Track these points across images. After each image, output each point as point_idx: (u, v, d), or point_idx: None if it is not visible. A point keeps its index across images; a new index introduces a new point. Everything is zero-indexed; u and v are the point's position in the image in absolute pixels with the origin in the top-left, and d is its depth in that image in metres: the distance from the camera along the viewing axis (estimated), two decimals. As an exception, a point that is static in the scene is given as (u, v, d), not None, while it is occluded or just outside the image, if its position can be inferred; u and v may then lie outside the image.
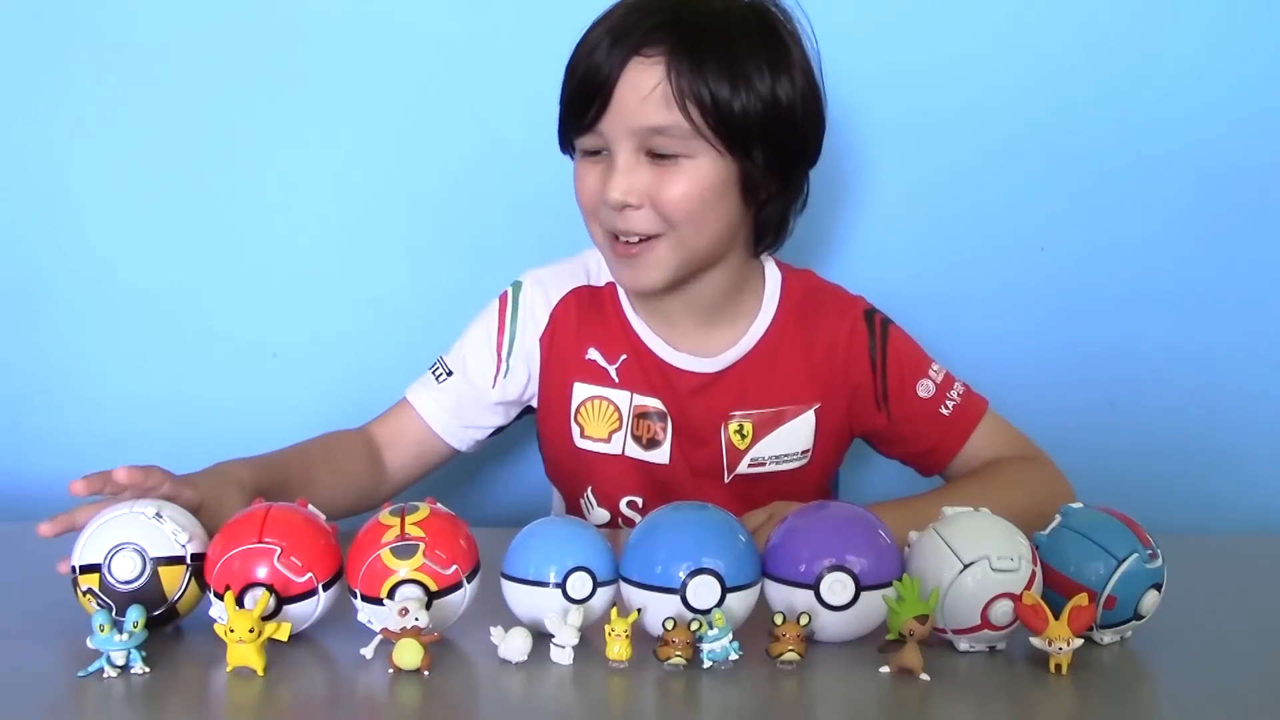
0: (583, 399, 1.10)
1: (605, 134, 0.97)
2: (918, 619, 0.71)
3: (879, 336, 1.07)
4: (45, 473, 1.35)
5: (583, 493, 1.12)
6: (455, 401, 1.11)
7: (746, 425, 1.07)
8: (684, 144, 0.95)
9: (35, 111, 1.30)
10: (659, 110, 0.94)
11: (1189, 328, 1.33)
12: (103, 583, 0.73)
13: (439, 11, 1.29)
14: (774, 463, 1.08)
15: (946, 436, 1.07)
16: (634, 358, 1.09)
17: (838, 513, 0.79)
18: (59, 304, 1.33)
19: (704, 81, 0.93)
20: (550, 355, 1.10)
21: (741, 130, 0.95)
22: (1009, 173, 1.31)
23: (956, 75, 1.29)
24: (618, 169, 0.96)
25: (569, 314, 1.10)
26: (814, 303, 1.10)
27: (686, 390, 1.08)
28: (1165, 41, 1.29)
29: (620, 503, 1.10)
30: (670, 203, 0.96)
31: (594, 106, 0.96)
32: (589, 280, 1.12)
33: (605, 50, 0.95)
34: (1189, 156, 1.30)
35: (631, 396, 1.08)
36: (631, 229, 0.98)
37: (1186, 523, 1.31)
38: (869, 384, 1.07)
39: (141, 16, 1.28)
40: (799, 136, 1.00)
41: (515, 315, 1.11)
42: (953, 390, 1.08)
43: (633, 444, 1.09)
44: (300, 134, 1.31)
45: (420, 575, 0.73)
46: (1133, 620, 0.77)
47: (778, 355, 1.08)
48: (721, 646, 0.71)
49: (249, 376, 1.34)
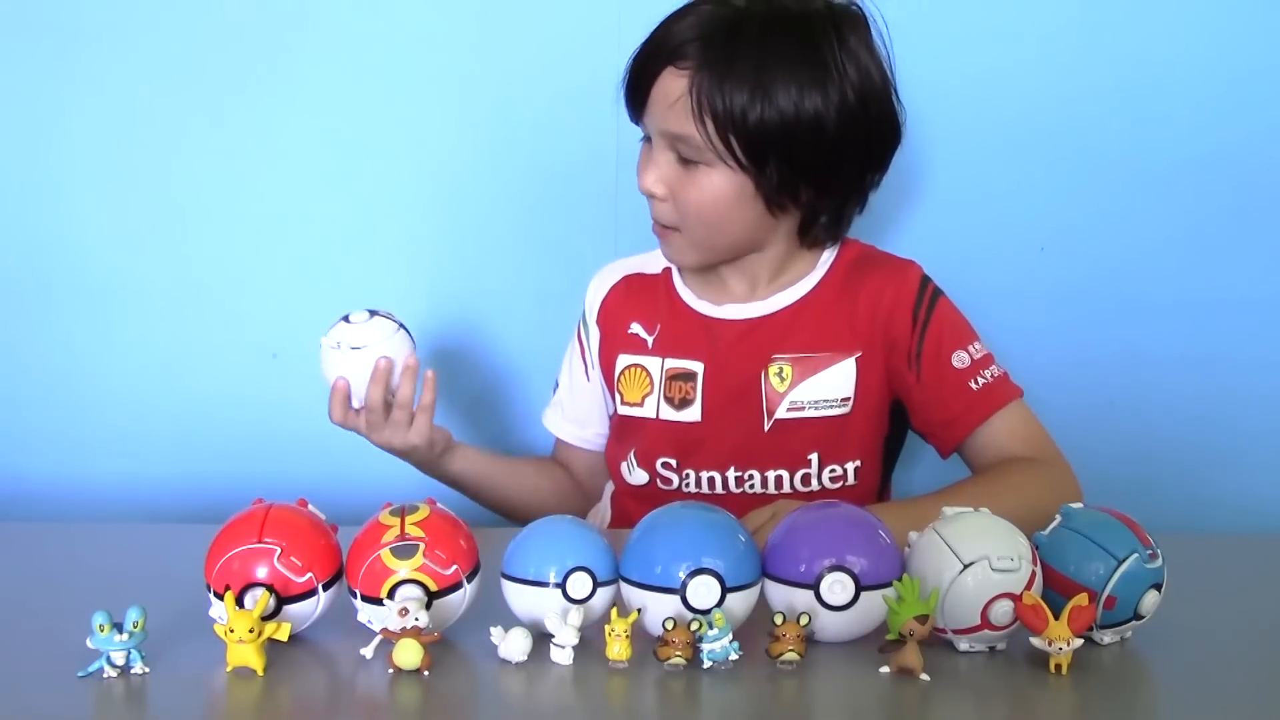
0: (623, 368, 1.16)
1: (646, 128, 1.05)
2: (918, 619, 0.71)
3: (927, 299, 1.09)
4: (45, 473, 1.35)
5: (626, 456, 1.17)
6: (567, 410, 1.23)
7: (786, 369, 1.09)
8: (702, 153, 1.01)
9: (35, 111, 1.30)
10: (680, 120, 1.00)
11: (1189, 328, 1.33)
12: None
13: (441, 11, 1.29)
14: (813, 408, 1.09)
15: (969, 411, 1.07)
16: (672, 324, 1.15)
17: (838, 513, 0.79)
18: (59, 304, 1.33)
19: (722, 97, 0.98)
20: (605, 335, 1.19)
21: (755, 145, 0.99)
22: (1008, 173, 1.31)
23: (956, 75, 1.29)
24: (652, 161, 1.04)
25: (618, 295, 1.19)
26: (866, 261, 1.13)
27: (729, 340, 1.12)
28: (1166, 42, 1.28)
29: (656, 463, 1.14)
30: (687, 204, 1.03)
31: (635, 102, 1.05)
32: (645, 269, 1.19)
33: (649, 53, 1.03)
34: (1189, 157, 1.30)
35: (664, 361, 1.14)
36: (658, 217, 1.06)
37: (1186, 523, 1.30)
38: (906, 340, 1.08)
39: (143, 16, 1.28)
40: (828, 150, 1.02)
41: (585, 312, 1.21)
42: (988, 370, 1.08)
43: (665, 406, 1.13)
44: (302, 134, 1.31)
45: (420, 575, 0.73)
46: (1133, 620, 0.77)
47: (823, 304, 1.11)
48: (721, 646, 0.71)
49: (249, 376, 1.34)
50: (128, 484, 1.34)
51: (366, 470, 1.26)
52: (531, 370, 1.28)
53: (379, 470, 1.24)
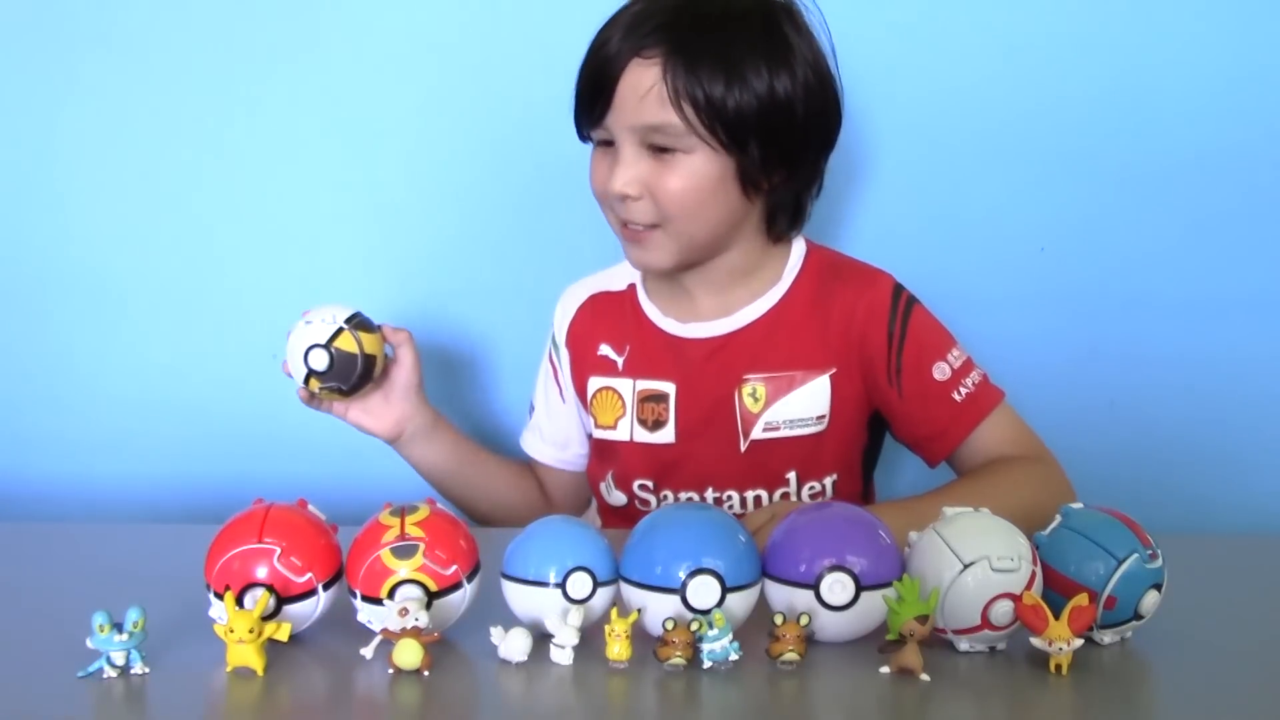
0: (595, 390, 1.15)
1: (610, 128, 1.02)
2: (918, 619, 0.71)
3: (901, 312, 1.07)
4: (45, 473, 1.35)
5: (604, 478, 1.17)
6: (545, 433, 1.22)
7: (760, 389, 1.08)
8: (680, 140, 0.99)
9: (35, 110, 1.30)
10: (655, 109, 0.98)
11: (1189, 328, 1.33)
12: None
13: (442, 12, 1.29)
14: (789, 427, 1.08)
15: (955, 423, 1.07)
16: (641, 344, 1.13)
17: (838, 513, 0.79)
18: (59, 304, 1.33)
19: (698, 81, 0.97)
20: (574, 356, 1.18)
21: (736, 127, 0.99)
22: (1008, 172, 1.31)
23: (956, 75, 1.29)
24: (620, 162, 1.01)
25: (585, 316, 1.18)
26: (835, 273, 1.12)
27: (699, 359, 1.10)
28: (1166, 42, 1.28)
29: (633, 485, 1.14)
30: (667, 195, 1.01)
31: (599, 103, 1.01)
32: (609, 287, 1.19)
33: (611, 49, 1.00)
34: (1189, 157, 1.30)
35: (635, 383, 1.13)
36: (633, 218, 1.03)
37: (1186, 523, 1.30)
38: (883, 357, 1.07)
39: (144, 17, 1.28)
40: (799, 130, 1.02)
41: (553, 334, 1.21)
42: (969, 378, 1.08)
43: (639, 428, 1.12)
44: (302, 135, 1.31)
45: (420, 575, 0.73)
46: (1133, 620, 0.77)
47: (792, 320, 1.09)
48: (721, 646, 0.71)
49: (249, 376, 1.34)
50: (128, 484, 1.34)
51: (366, 470, 1.26)
52: (529, 371, 1.28)
53: (379, 470, 1.25)
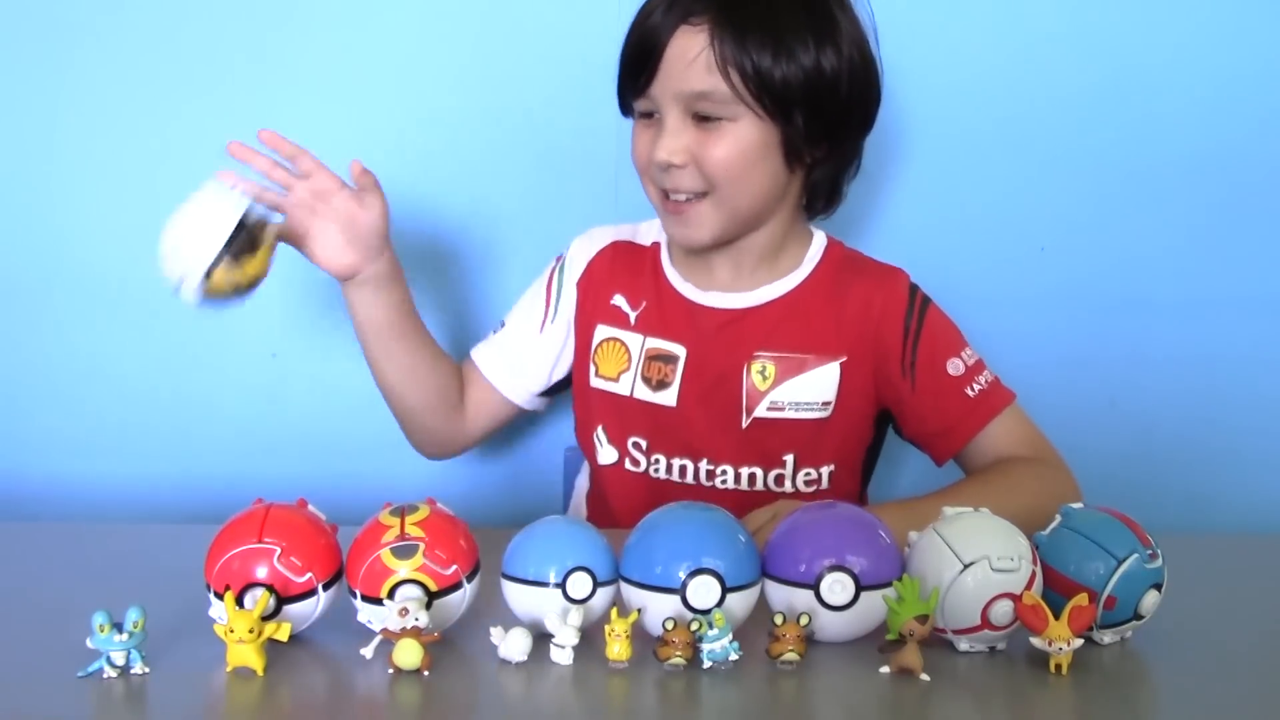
0: (600, 340, 1.15)
1: (655, 98, 1.02)
2: (918, 619, 0.71)
3: (918, 307, 1.08)
4: (45, 473, 1.35)
5: (595, 429, 1.16)
6: (506, 351, 1.18)
7: (770, 367, 1.08)
8: (726, 108, 1.00)
9: (35, 110, 1.30)
10: (702, 75, 0.99)
11: (1190, 328, 1.33)
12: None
13: (452, 20, 1.29)
14: (793, 409, 1.08)
15: (966, 419, 1.07)
16: (657, 304, 1.14)
17: (838, 513, 0.79)
18: (59, 304, 1.33)
19: (745, 49, 0.98)
20: (583, 299, 1.17)
21: (782, 96, 1.00)
22: (1009, 172, 1.31)
23: (956, 75, 1.29)
24: (665, 131, 1.02)
25: (604, 262, 1.17)
26: (854, 266, 1.13)
27: (712, 327, 1.11)
28: (1167, 42, 1.28)
29: (627, 442, 1.14)
30: (713, 162, 1.01)
31: (645, 71, 1.02)
32: (634, 239, 1.18)
33: (658, 17, 1.01)
34: (1190, 157, 1.30)
35: (644, 340, 1.13)
36: (679, 187, 1.03)
37: (1186, 523, 1.31)
38: (898, 350, 1.08)
39: (143, 16, 1.28)
40: (843, 105, 1.03)
41: (564, 266, 1.19)
42: (981, 376, 1.08)
43: (641, 385, 1.12)
44: (301, 133, 1.31)
45: (420, 575, 0.73)
46: (1133, 620, 0.77)
47: (809, 304, 1.10)
48: (721, 646, 0.71)
49: (249, 376, 1.34)
50: (128, 484, 1.34)
51: (366, 470, 1.27)
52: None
53: (379, 470, 1.25)
